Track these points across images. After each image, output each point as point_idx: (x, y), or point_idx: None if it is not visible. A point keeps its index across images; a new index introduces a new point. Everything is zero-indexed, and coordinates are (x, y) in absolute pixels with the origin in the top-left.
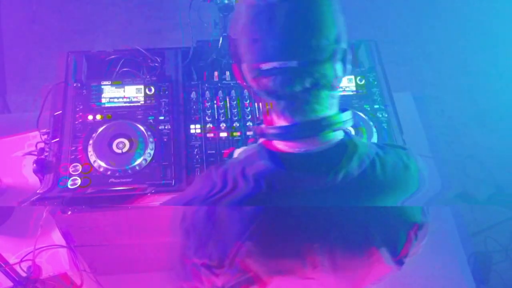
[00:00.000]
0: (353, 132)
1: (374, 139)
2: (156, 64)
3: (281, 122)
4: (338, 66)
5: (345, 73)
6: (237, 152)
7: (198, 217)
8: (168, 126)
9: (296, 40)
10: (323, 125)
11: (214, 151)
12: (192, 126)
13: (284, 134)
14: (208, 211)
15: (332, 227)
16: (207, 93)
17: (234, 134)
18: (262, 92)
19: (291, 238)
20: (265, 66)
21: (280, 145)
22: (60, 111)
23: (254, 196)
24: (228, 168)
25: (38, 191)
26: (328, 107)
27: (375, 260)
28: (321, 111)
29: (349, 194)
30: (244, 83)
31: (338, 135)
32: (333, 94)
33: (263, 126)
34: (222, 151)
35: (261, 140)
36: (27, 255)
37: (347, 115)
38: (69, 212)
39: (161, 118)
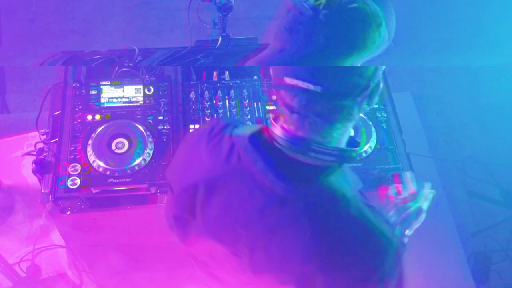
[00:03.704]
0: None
1: (374, 139)
2: None
3: (284, 129)
4: (364, 99)
5: (370, 105)
6: None
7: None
8: (167, 126)
9: (327, 66)
10: (311, 148)
11: None
12: (191, 126)
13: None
14: None
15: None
16: (206, 93)
17: None
18: (278, 100)
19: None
20: (288, 81)
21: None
22: (59, 111)
23: None
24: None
25: (43, 191)
26: (335, 136)
27: None
28: (324, 138)
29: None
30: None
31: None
32: (348, 125)
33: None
34: None
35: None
36: (26, 255)
37: (346, 150)
38: (69, 212)
39: (160, 118)
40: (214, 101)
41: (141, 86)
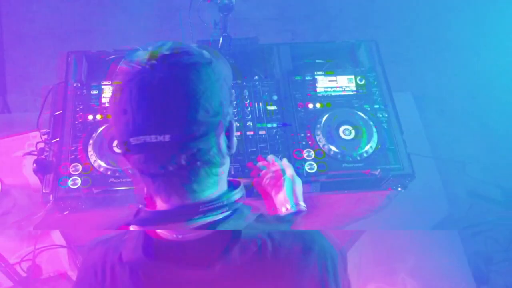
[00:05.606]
0: (353, 134)
1: (375, 139)
2: None
3: (159, 204)
4: (221, 140)
5: (231, 148)
6: None
7: None
8: None
9: (169, 112)
10: (199, 211)
11: None
12: None
13: (153, 220)
14: None
15: None
16: None
17: None
18: (135, 170)
19: None
20: (134, 140)
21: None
22: (60, 111)
23: None
24: (106, 254)
25: (44, 191)
26: (210, 186)
27: None
28: (202, 192)
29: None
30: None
31: (220, 217)
32: (216, 171)
33: (142, 207)
34: None
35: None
36: (27, 255)
37: (233, 195)
38: (67, 212)
39: None
40: None
41: None
